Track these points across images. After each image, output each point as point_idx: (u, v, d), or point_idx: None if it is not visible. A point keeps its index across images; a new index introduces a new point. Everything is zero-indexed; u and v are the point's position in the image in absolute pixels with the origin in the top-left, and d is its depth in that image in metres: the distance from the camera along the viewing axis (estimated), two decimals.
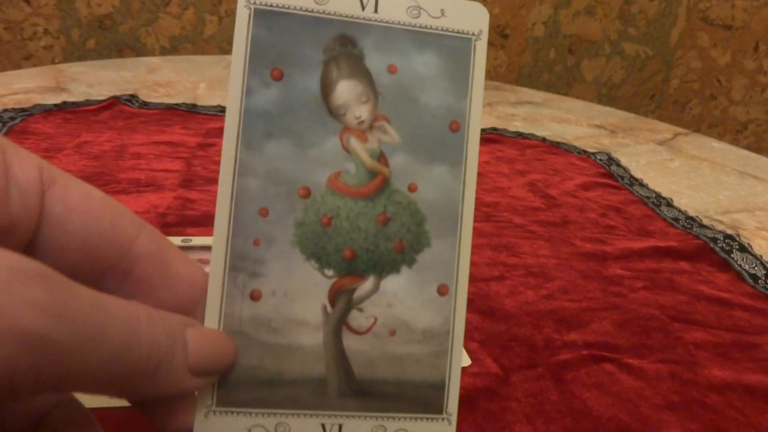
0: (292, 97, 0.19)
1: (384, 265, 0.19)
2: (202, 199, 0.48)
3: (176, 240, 0.41)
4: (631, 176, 0.66)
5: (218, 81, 0.88)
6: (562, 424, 0.29)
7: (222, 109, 0.73)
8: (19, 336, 0.12)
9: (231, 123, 0.18)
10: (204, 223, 0.44)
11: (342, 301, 0.19)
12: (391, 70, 0.19)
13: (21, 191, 0.15)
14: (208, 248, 0.38)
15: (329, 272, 0.19)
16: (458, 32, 0.20)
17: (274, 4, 0.19)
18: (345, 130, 0.19)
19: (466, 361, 0.32)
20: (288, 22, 0.19)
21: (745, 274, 0.45)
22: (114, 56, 1.09)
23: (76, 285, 0.14)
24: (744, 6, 1.33)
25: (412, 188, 0.19)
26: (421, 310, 0.19)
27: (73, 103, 0.68)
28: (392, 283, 0.19)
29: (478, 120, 0.20)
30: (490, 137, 0.74)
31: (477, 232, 0.48)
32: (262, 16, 0.19)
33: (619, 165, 0.69)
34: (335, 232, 0.19)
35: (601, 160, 0.70)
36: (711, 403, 0.31)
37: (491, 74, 1.35)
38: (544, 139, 0.76)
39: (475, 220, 0.51)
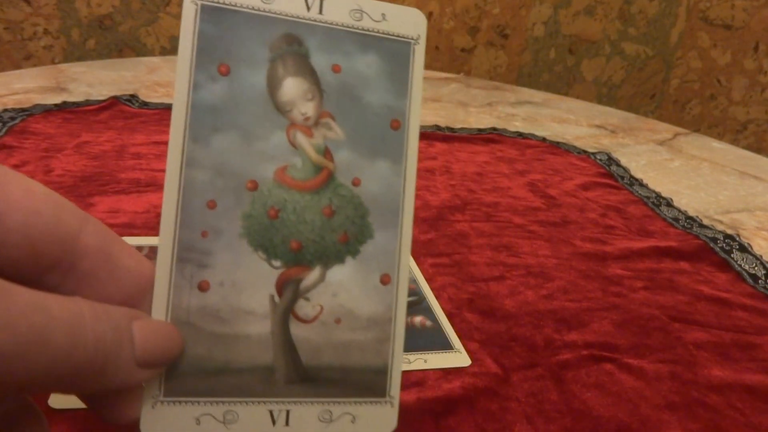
0: (239, 92, 0.19)
1: (329, 256, 0.20)
2: None
3: None
4: (631, 176, 0.66)
5: None
6: (562, 424, 0.29)
7: None
8: None
9: (178, 116, 0.19)
10: None
11: (289, 290, 0.20)
12: (335, 69, 0.20)
13: None
14: None
15: (276, 263, 0.19)
16: (398, 36, 0.21)
17: (221, 1, 0.19)
18: (291, 125, 0.20)
19: (466, 361, 0.32)
20: (235, 19, 0.19)
21: (745, 274, 0.45)
22: (114, 56, 1.09)
23: (15, 288, 0.14)
24: (744, 6, 1.33)
25: (355, 182, 0.20)
26: (365, 298, 0.20)
27: (73, 103, 0.68)
28: (337, 273, 0.20)
29: (417, 119, 0.21)
30: (490, 137, 0.74)
31: (477, 232, 0.48)
32: (209, 12, 0.19)
33: (619, 165, 0.69)
34: (282, 225, 0.19)
35: (601, 160, 0.70)
36: (711, 403, 0.31)
37: (491, 74, 1.35)
38: (544, 139, 0.76)
39: (475, 220, 0.51)
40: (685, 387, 0.32)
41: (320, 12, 0.20)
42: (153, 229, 0.43)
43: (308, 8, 0.20)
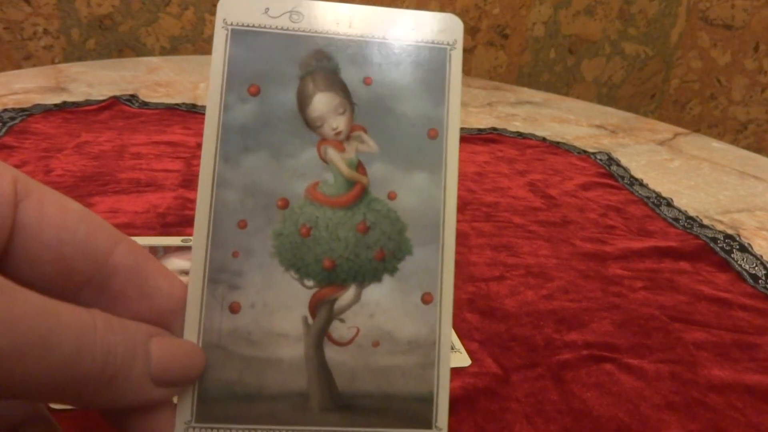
0: (269, 111, 0.19)
1: (365, 275, 0.19)
2: None
3: (176, 240, 0.41)
4: (631, 176, 0.66)
5: None
6: (562, 424, 0.29)
7: None
8: None
9: (209, 138, 0.19)
10: None
11: (323, 311, 0.19)
12: (367, 82, 0.20)
13: None
14: None
15: (309, 283, 0.19)
16: (433, 43, 0.20)
17: (251, 24, 0.19)
18: (322, 141, 0.19)
19: (466, 361, 0.32)
20: (264, 41, 0.19)
21: (746, 274, 0.45)
22: (114, 56, 1.09)
23: (22, 290, 0.14)
24: (744, 6, 1.33)
25: (391, 196, 0.19)
26: (405, 319, 0.19)
27: (73, 103, 0.68)
28: (374, 293, 0.19)
29: (456, 127, 0.20)
30: (490, 137, 0.74)
31: (477, 232, 0.48)
32: (238, 35, 0.19)
33: (619, 165, 0.69)
34: (314, 243, 0.19)
35: (601, 160, 0.70)
36: (711, 403, 0.31)
37: (491, 74, 1.35)
38: (544, 139, 0.76)
39: (475, 220, 0.51)
40: (685, 387, 0.32)
41: (350, 26, 0.20)
42: (153, 229, 0.43)
43: (337, 24, 0.20)
